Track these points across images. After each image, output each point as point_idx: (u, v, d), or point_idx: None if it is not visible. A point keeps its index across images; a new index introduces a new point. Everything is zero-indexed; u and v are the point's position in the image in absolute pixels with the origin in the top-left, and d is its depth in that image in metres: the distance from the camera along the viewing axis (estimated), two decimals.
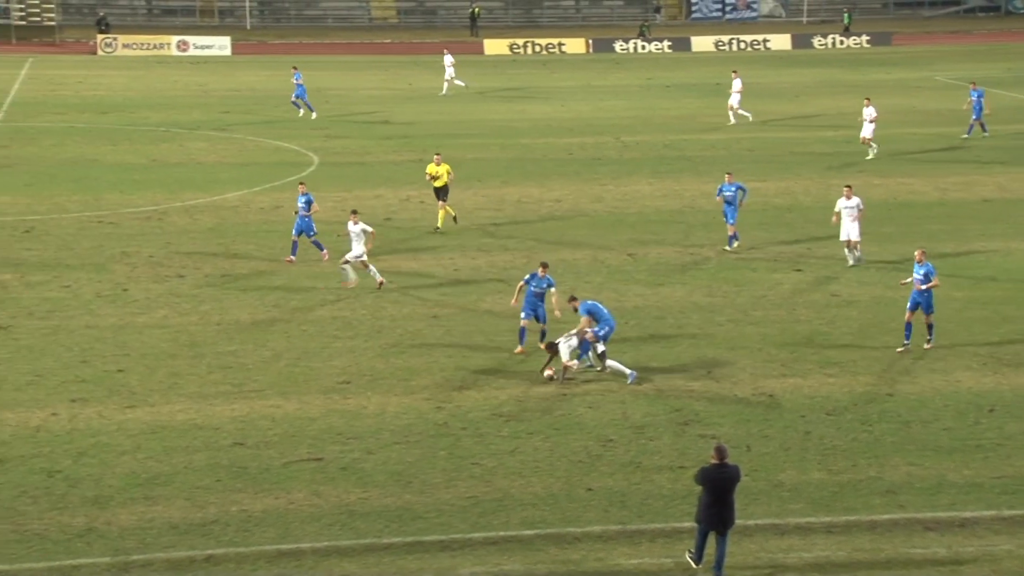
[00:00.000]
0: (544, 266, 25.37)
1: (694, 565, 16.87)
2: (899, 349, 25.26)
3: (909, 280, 25.89)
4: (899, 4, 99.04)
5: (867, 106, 45.52)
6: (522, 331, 25.06)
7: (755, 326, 27.13)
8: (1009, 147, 48.02)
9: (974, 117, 49.48)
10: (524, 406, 22.70)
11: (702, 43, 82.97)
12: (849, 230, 31.14)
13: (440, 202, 34.63)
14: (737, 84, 52.45)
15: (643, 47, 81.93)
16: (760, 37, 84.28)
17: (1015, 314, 28.03)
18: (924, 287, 25.09)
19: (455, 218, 34.89)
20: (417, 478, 19.78)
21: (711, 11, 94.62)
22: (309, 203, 31.13)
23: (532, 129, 51.52)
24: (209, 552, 17.45)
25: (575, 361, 23.61)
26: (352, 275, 29.13)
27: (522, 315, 25.07)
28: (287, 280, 30.16)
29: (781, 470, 20.19)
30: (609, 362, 23.75)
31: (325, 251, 31.25)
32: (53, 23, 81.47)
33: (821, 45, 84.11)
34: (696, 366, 24.65)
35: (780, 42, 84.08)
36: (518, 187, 40.64)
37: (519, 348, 24.99)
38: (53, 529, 18.01)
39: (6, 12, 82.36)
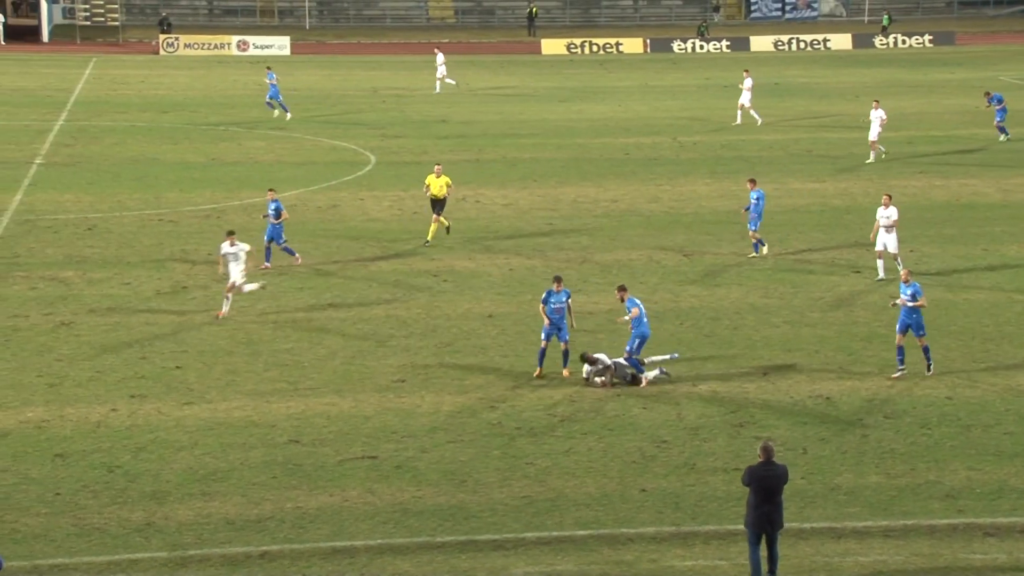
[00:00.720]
0: (558, 280, 24.13)
1: None
2: (894, 375, 23.67)
3: (899, 302, 23.91)
4: (963, 3, 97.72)
5: (875, 108, 44.32)
6: (542, 352, 23.81)
7: (812, 328, 26.89)
8: None
9: (998, 119, 48.33)
10: (578, 406, 22.66)
11: (761, 43, 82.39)
12: (886, 241, 29.68)
13: (434, 215, 32.99)
14: (748, 83, 51.96)
15: (701, 47, 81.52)
16: (820, 37, 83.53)
17: None
18: (912, 304, 23.36)
19: (448, 228, 33.20)
20: (471, 477, 19.80)
21: (771, 11, 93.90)
22: (278, 211, 30.48)
23: (589, 129, 51.43)
24: (264, 548, 17.59)
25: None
26: (254, 284, 27.64)
27: (543, 336, 23.86)
28: (343, 279, 30.33)
29: (838, 473, 19.99)
30: (649, 374, 23.60)
31: (297, 256, 30.76)
32: (117, 23, 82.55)
33: (883, 45, 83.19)
34: (752, 368, 24.47)
35: (841, 42, 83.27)
36: (574, 187, 40.58)
37: (537, 371, 23.76)
38: (113, 523, 18.24)
39: (71, 12, 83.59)
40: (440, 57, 62.33)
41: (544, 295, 24.20)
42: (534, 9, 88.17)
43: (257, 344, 25.70)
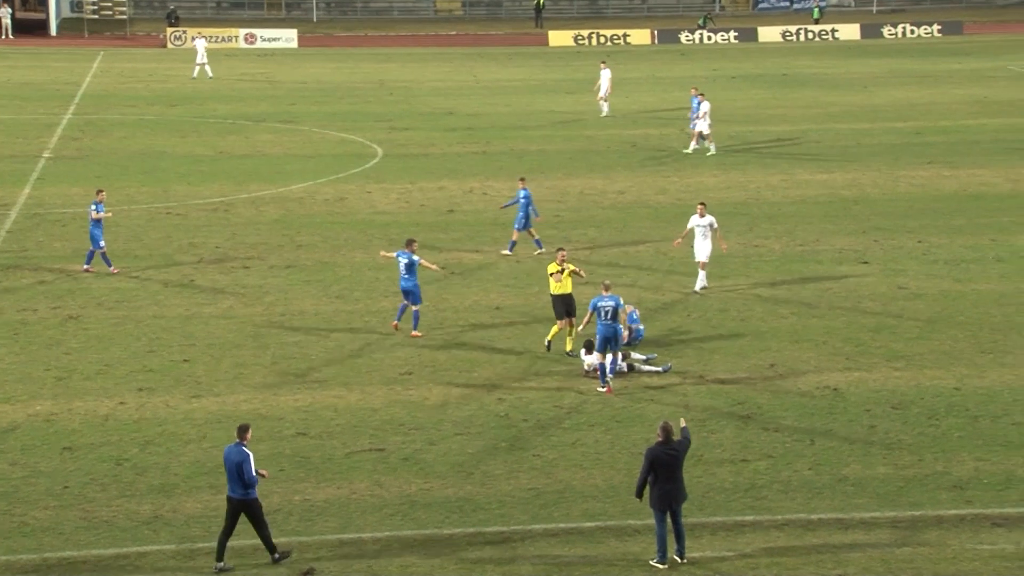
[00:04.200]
0: (409, 243, 25.84)
1: (662, 567, 16.74)
2: (601, 388, 22.68)
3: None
4: None
5: (696, 96, 43.55)
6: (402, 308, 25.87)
7: (819, 319, 26.86)
8: None
9: (692, 127, 44.48)
10: (585, 398, 22.67)
11: (769, 33, 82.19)
12: (700, 250, 28.46)
13: (566, 319, 24.72)
14: (606, 74, 51.69)
15: (709, 38, 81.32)
16: (828, 27, 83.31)
17: None
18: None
19: (573, 350, 24.70)
20: (478, 469, 19.83)
21: (778, 1, 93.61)
22: (98, 209, 29.56)
23: (596, 121, 51.37)
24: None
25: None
26: None
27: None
28: (351, 271, 30.36)
29: (845, 464, 19.99)
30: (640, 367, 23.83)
31: (91, 268, 29.80)
32: (125, 17, 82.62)
33: (891, 35, 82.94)
34: (759, 359, 24.45)
35: (849, 32, 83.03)
36: (582, 179, 40.55)
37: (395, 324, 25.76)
38: (121, 516, 18.29)
39: (79, 6, 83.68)
40: (200, 42, 63.60)
41: (397, 253, 26.02)
42: (541, 1, 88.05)
43: (264, 337, 25.74)
